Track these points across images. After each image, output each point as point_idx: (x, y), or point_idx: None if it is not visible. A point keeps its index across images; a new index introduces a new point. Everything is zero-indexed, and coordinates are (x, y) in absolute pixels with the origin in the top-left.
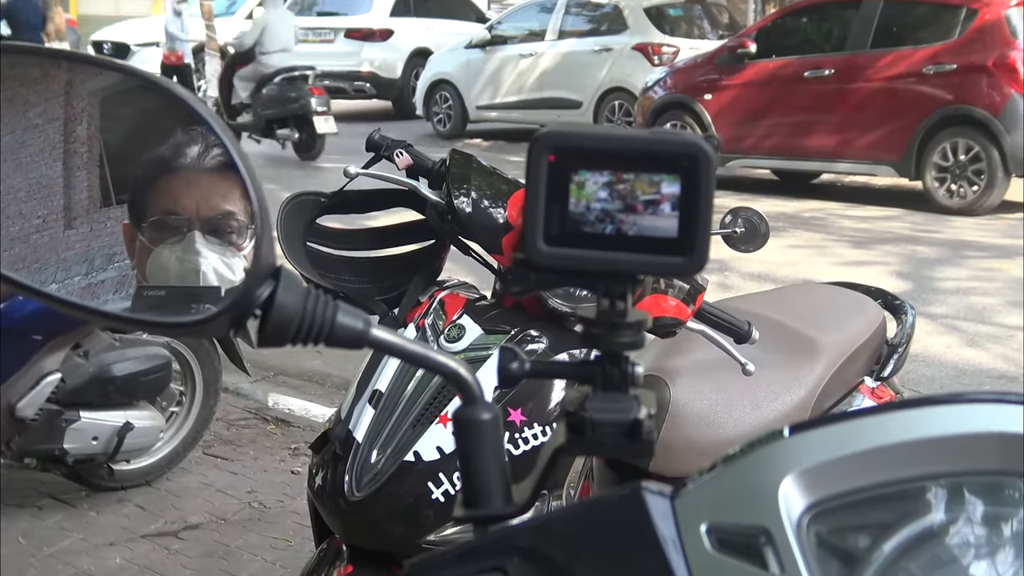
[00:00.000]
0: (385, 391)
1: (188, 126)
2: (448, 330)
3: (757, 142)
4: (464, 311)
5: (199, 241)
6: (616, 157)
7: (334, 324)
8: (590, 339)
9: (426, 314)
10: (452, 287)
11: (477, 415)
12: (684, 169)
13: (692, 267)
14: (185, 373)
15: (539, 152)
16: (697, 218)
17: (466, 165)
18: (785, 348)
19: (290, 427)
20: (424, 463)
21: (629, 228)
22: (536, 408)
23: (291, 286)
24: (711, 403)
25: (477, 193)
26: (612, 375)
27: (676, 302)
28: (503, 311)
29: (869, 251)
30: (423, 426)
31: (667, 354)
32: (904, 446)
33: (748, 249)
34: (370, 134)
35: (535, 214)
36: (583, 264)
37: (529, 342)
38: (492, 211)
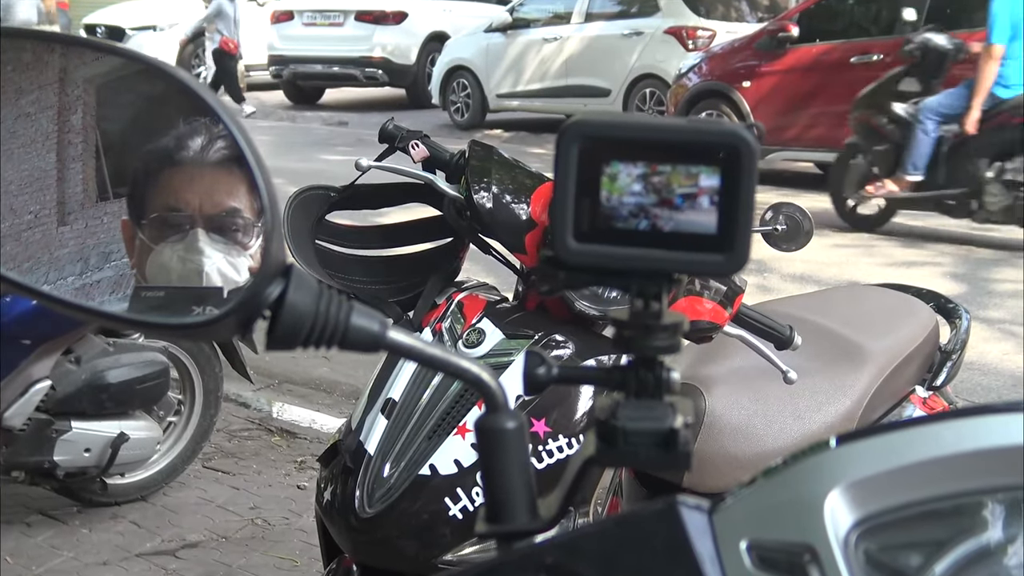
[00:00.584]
0: (399, 400)
1: (191, 115)
2: (467, 334)
3: (800, 133)
4: (484, 314)
5: (202, 239)
6: (651, 147)
7: (348, 326)
8: (622, 343)
9: (443, 317)
10: (471, 288)
11: (501, 423)
12: (724, 160)
13: (732, 266)
14: (184, 380)
15: (568, 142)
16: (738, 213)
17: (486, 157)
18: (830, 355)
19: (296, 439)
20: (441, 477)
21: (664, 224)
22: (561, 418)
23: (303, 285)
24: (749, 414)
25: (498, 187)
26: (646, 381)
27: (712, 305)
28: (526, 314)
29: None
30: (440, 437)
31: (702, 361)
32: (959, 458)
33: (790, 248)
34: (383, 124)
35: (564, 209)
36: (615, 262)
37: (554, 347)
38: (514, 207)
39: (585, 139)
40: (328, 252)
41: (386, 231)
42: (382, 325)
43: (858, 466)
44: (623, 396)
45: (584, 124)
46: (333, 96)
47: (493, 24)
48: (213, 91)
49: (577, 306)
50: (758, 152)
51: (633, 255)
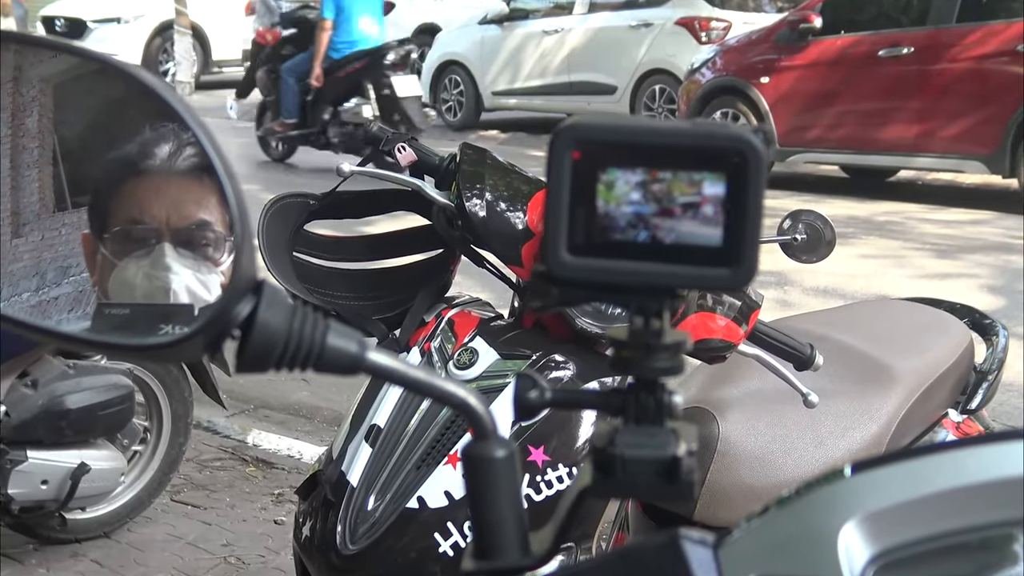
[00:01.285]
0: (384, 426)
1: (157, 120)
2: (458, 355)
3: (823, 133)
4: (477, 332)
5: (170, 255)
6: (651, 153)
7: (324, 346)
8: (621, 364)
9: (432, 336)
10: (463, 304)
11: (490, 452)
12: (730, 167)
13: (739, 280)
14: (150, 406)
15: (562, 147)
16: (745, 223)
17: (479, 161)
18: (855, 376)
19: (273, 469)
20: (430, 510)
21: (666, 235)
22: (561, 446)
23: (275, 303)
24: (767, 440)
25: (492, 194)
26: (646, 405)
27: (726, 322)
28: (523, 332)
29: (955, 261)
30: (429, 467)
31: (715, 383)
32: (987, 487)
33: (811, 259)
34: (367, 125)
35: (557, 219)
36: (612, 277)
37: (553, 369)
38: (510, 215)
39: (579, 144)
40: (307, 265)
41: (370, 242)
42: (360, 346)
43: (875, 496)
44: (622, 422)
45: (578, 127)
46: None
47: (488, 15)
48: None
49: (578, 323)
50: (766, 157)
51: (632, 269)
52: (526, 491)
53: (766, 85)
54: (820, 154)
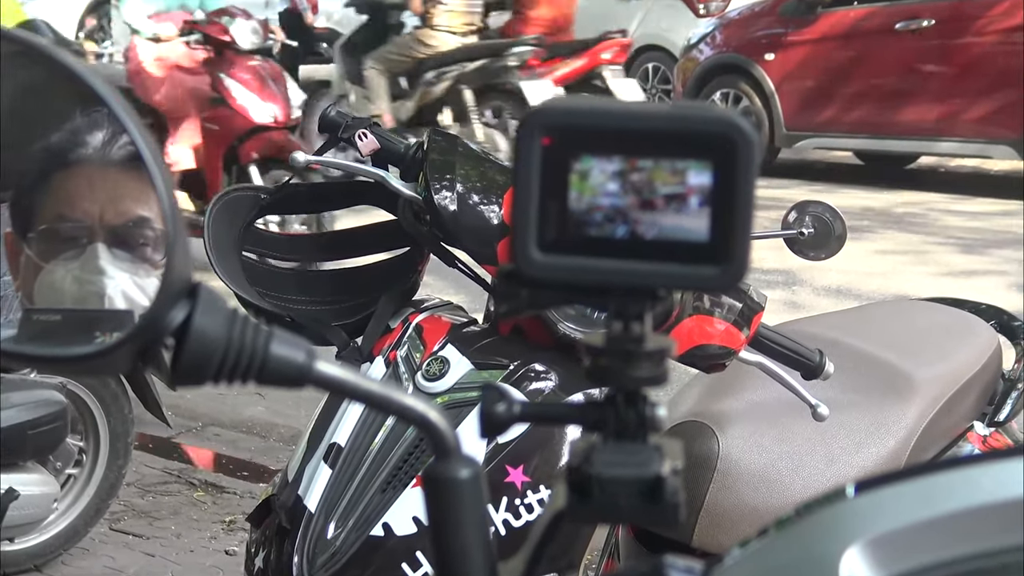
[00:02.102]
0: (345, 445)
1: (89, 106)
2: (427, 365)
3: (835, 116)
4: (448, 340)
5: (103, 256)
6: (629, 139)
7: (267, 356)
8: (598, 373)
9: (398, 344)
10: (432, 309)
11: (452, 472)
12: (716, 153)
13: (728, 279)
14: (86, 424)
15: (529, 133)
16: (734, 216)
17: (449, 149)
18: (870, 385)
19: (224, 493)
20: (396, 538)
21: (646, 230)
22: (543, 466)
23: (212, 308)
24: (772, 457)
25: (464, 186)
26: (626, 419)
27: (725, 326)
28: (499, 340)
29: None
30: (395, 490)
31: (714, 395)
32: (1005, 507)
33: (819, 256)
34: (324, 110)
35: (526, 213)
36: (588, 276)
37: (533, 379)
38: (484, 209)
39: (549, 129)
40: (258, 266)
41: (328, 240)
42: (308, 355)
43: (881, 518)
44: (600, 438)
45: (548, 111)
46: None
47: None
48: (97, 73)
49: (560, 329)
50: (756, 142)
51: (609, 268)
52: (504, 516)
53: (771, 63)
54: (831, 139)
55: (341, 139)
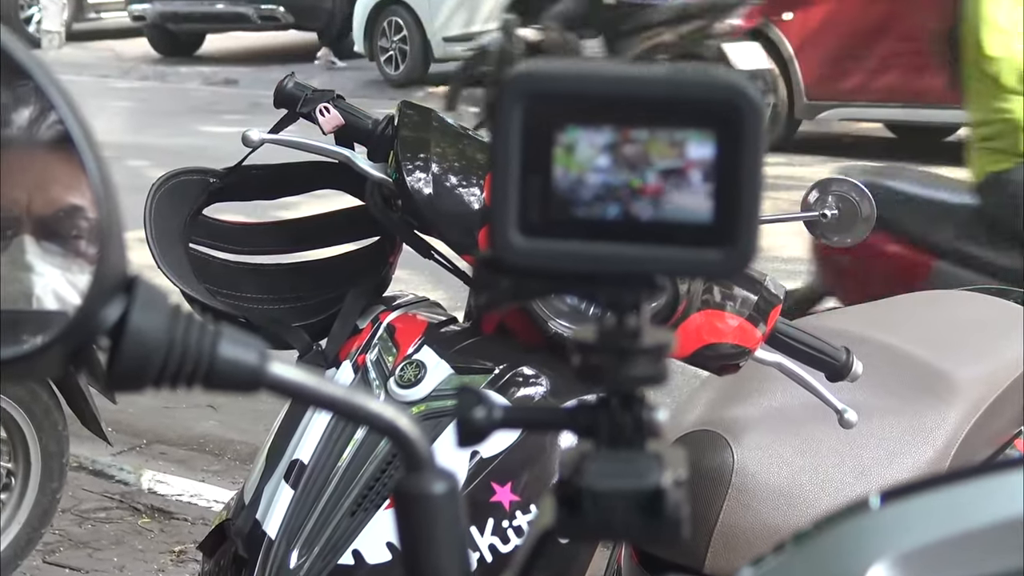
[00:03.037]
0: (309, 462)
1: (13, 79)
2: (401, 369)
3: (863, 82)
4: (424, 341)
5: (31, 249)
6: (621, 107)
7: (215, 358)
8: (589, 373)
9: (368, 346)
10: (406, 306)
11: (425, 487)
12: (720, 123)
13: (734, 264)
14: (14, 442)
15: (509, 102)
16: (740, 193)
17: (423, 125)
18: (903, 387)
19: (172, 519)
20: (368, 567)
21: (641, 210)
22: (534, 482)
23: (151, 304)
24: (794, 470)
25: (440, 166)
26: (621, 424)
27: (739, 322)
28: (482, 340)
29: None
30: (366, 513)
31: (727, 400)
32: None
33: (844, 240)
34: (280, 82)
35: (505, 193)
36: (576, 263)
37: (521, 384)
38: (463, 192)
39: (531, 97)
40: (207, 260)
41: (287, 229)
42: (260, 356)
43: (909, 532)
44: (592, 445)
45: (529, 76)
46: (217, 45)
47: None
48: (19, 42)
49: (551, 327)
50: (764, 110)
51: (600, 253)
52: (490, 540)
53: (790, 23)
54: (859, 109)
55: (300, 114)
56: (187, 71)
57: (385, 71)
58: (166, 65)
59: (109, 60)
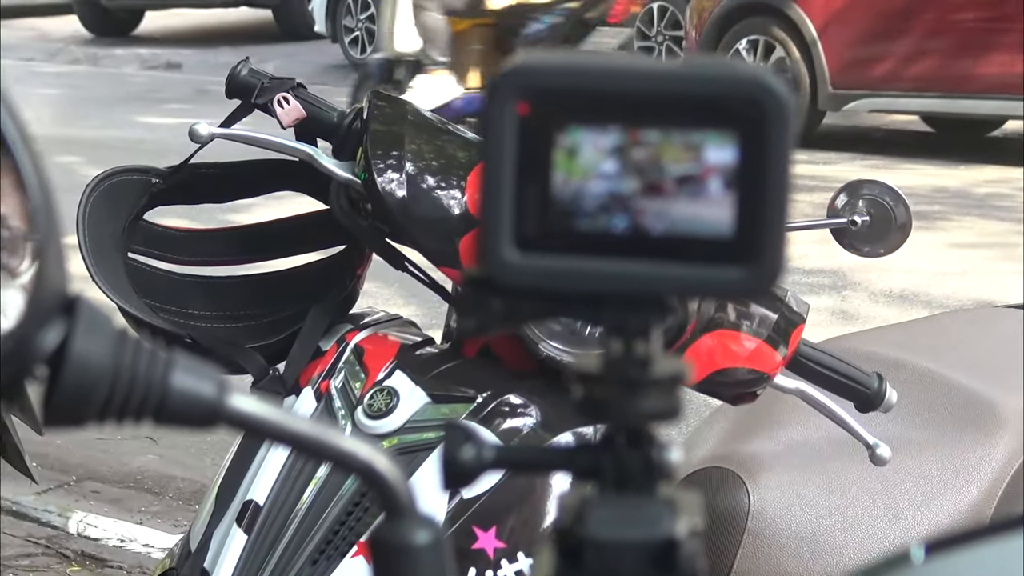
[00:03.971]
0: (265, 504)
1: None
2: (371, 398)
3: (896, 69)
4: (397, 365)
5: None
6: (629, 105)
7: (167, 389)
8: (592, 407)
9: (332, 371)
10: (376, 325)
11: (405, 536)
12: (742, 123)
13: (757, 283)
14: None
15: (502, 99)
16: (765, 202)
17: (396, 117)
18: (944, 418)
19: (106, 567)
20: None
21: (652, 222)
22: (522, 527)
23: (95, 328)
24: (819, 513)
25: (416, 165)
26: (628, 465)
27: (756, 344)
28: (463, 364)
29: None
30: (331, 561)
31: (743, 433)
32: None
33: (877, 251)
34: (233, 68)
35: (498, 202)
36: (578, 282)
37: (507, 415)
38: (441, 195)
39: (528, 93)
40: (149, 271)
41: (241, 237)
42: (219, 387)
43: None
44: (595, 489)
45: (525, 70)
46: (158, 23)
47: None
48: None
49: (543, 350)
50: (793, 108)
51: (605, 271)
52: None
53: (813, 1)
54: (891, 99)
55: (255, 105)
56: (123, 53)
57: (350, 54)
58: (99, 46)
59: (34, 40)
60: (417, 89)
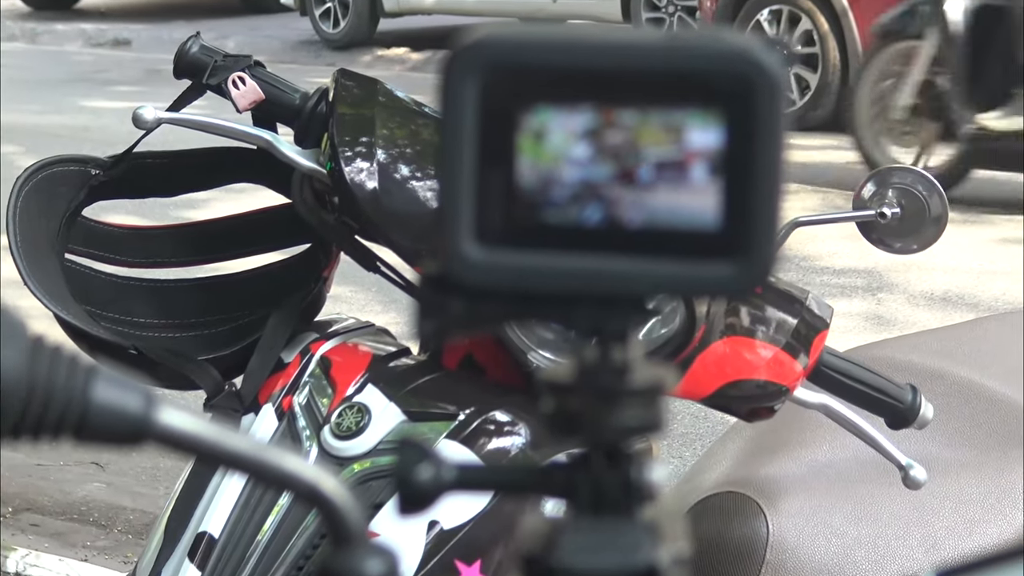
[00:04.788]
0: (220, 536)
1: None
2: (339, 415)
3: None
4: (368, 378)
5: None
6: (603, 81)
7: (88, 403)
8: (564, 422)
9: (296, 386)
10: (345, 334)
11: (356, 567)
12: (728, 101)
13: (747, 280)
14: None
15: (461, 75)
16: (755, 190)
17: (366, 100)
18: (986, 436)
19: None
20: None
21: (630, 213)
22: (509, 561)
23: (7, 334)
24: (846, 543)
25: (389, 153)
26: (604, 485)
27: (773, 352)
28: (443, 377)
29: None
30: None
31: (760, 453)
32: None
33: (910, 247)
34: (183, 44)
35: (456, 191)
36: (546, 281)
37: (493, 435)
38: (417, 186)
39: (490, 69)
40: (88, 274)
41: (192, 235)
42: (146, 400)
43: None
44: (570, 512)
45: (487, 44)
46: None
47: None
48: None
49: (532, 360)
50: (784, 83)
51: (577, 268)
52: None
53: None
54: None
55: (207, 86)
56: (65, 29)
57: (321, 28)
58: (38, 21)
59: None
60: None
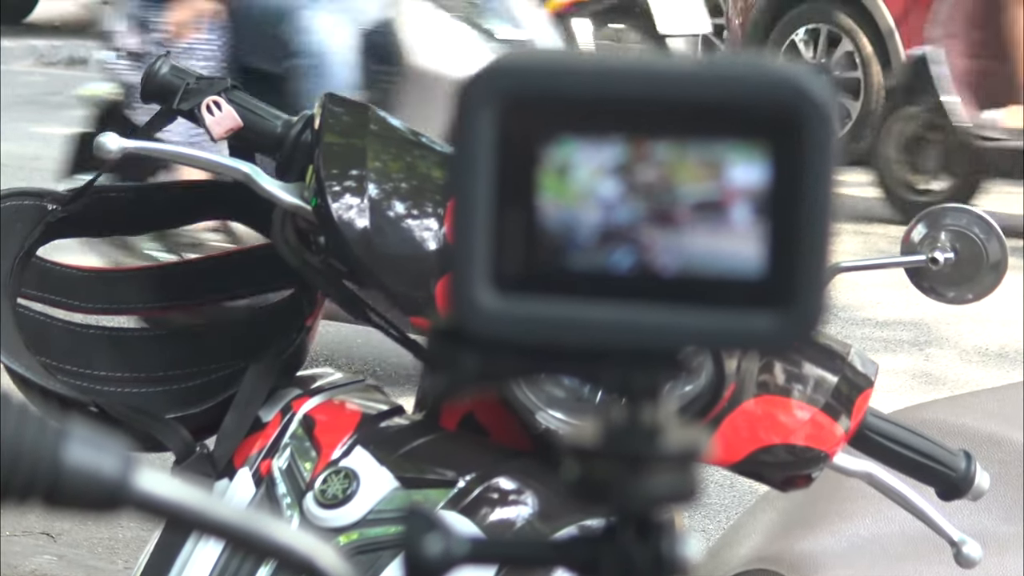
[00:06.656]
0: None
1: None
2: (324, 481)
3: None
4: (357, 440)
5: None
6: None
7: (59, 467)
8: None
9: (276, 448)
10: (331, 389)
11: None
12: (774, 134)
13: (792, 333)
14: None
15: (478, 105)
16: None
17: (356, 128)
18: None
19: None
20: None
21: (663, 259)
22: None
23: None
24: None
25: (381, 188)
26: (634, 559)
27: (811, 413)
28: (441, 439)
29: None
30: None
31: (795, 525)
32: None
33: (964, 295)
34: (150, 66)
35: (471, 233)
36: (570, 333)
37: (497, 504)
38: (414, 225)
39: (509, 99)
40: (43, 321)
41: (160, 279)
42: (123, 463)
43: None
44: None
45: (506, 70)
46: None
47: None
48: None
49: (540, 420)
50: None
51: (604, 319)
52: None
53: None
54: None
55: (178, 112)
56: (13, 46)
57: None
58: None
59: None
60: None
